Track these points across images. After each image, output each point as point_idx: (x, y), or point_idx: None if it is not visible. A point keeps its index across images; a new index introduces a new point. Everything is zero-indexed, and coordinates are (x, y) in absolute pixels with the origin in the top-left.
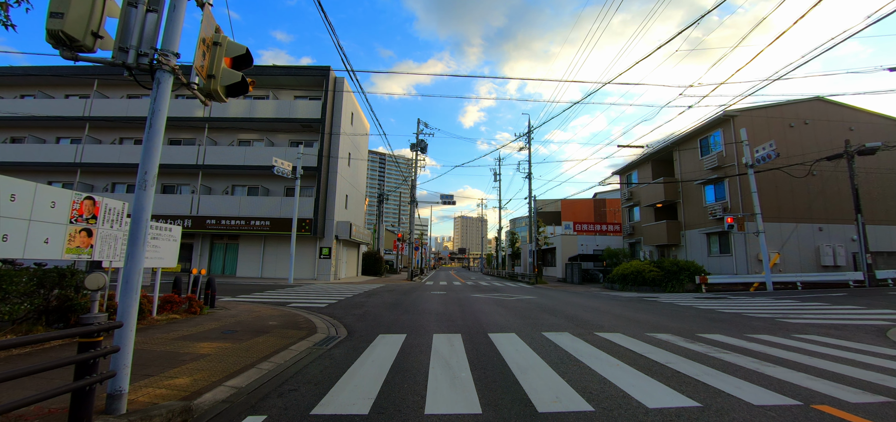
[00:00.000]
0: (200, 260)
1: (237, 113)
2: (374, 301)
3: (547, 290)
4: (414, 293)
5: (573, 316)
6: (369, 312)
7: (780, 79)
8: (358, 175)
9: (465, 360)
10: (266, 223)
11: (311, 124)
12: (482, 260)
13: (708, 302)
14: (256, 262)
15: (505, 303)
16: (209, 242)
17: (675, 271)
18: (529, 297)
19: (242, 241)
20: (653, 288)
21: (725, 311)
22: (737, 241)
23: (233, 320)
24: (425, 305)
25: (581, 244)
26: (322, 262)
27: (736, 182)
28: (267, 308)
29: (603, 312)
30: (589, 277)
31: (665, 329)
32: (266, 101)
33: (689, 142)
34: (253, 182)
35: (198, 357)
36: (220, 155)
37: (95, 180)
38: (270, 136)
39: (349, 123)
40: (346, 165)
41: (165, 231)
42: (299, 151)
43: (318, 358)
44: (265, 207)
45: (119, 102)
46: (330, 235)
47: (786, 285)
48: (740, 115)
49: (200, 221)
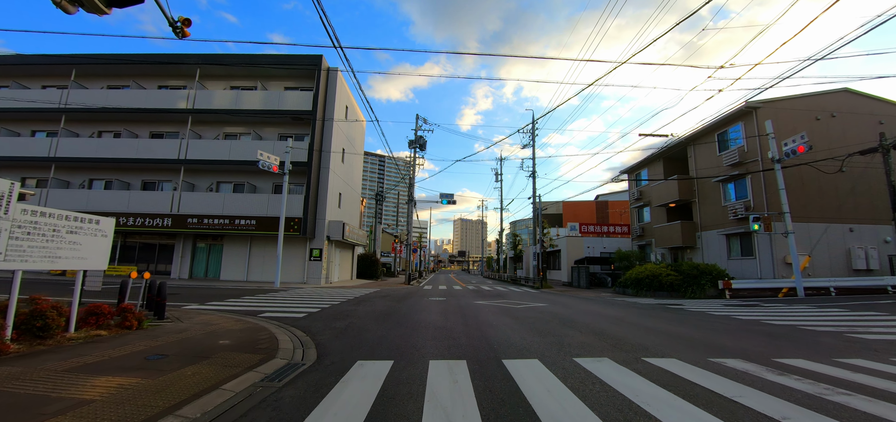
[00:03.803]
0: (182, 262)
1: (222, 104)
2: (363, 310)
3: (555, 295)
4: (410, 300)
5: (601, 331)
6: (353, 325)
7: (823, 58)
8: (353, 173)
9: (476, 409)
10: (252, 223)
11: (301, 117)
12: (482, 263)
13: (742, 310)
14: (242, 264)
15: (514, 312)
16: (191, 243)
17: (696, 275)
18: (539, 304)
19: (227, 241)
20: (670, 294)
21: (774, 322)
22: (761, 242)
23: (174, 339)
24: (422, 315)
25: (587, 247)
26: (312, 264)
27: (759, 179)
28: (230, 320)
29: (632, 324)
30: (596, 282)
31: (725, 351)
32: (253, 93)
33: (706, 137)
34: (239, 179)
35: (73, 406)
36: (203, 149)
37: (72, 176)
38: (258, 129)
39: (343, 116)
40: (339, 161)
41: (90, 225)
42: (288, 145)
43: (257, 406)
44: (251, 206)
45: (98, 93)
46: (321, 236)
47: (818, 291)
48: (763, 106)
49: (181, 220)
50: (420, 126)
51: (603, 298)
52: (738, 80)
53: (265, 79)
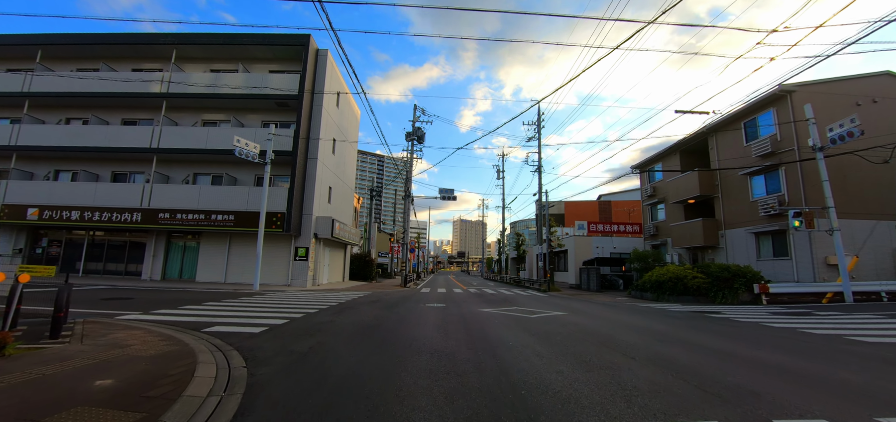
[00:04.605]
0: (154, 262)
1: (199, 88)
2: (343, 322)
3: (567, 299)
4: (403, 306)
5: (662, 358)
6: (320, 348)
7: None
8: (345, 166)
9: None
10: (230, 218)
11: (287, 102)
12: (482, 264)
13: (799, 321)
14: (220, 264)
15: (531, 325)
16: (165, 241)
17: (727, 278)
18: (557, 313)
19: (204, 239)
20: (697, 298)
21: (860, 338)
22: (797, 241)
23: (29, 377)
24: (415, 329)
25: (596, 247)
26: (297, 264)
27: (796, 170)
28: (154, 339)
29: (692, 345)
30: (607, 284)
31: (868, 394)
32: (234, 75)
33: (730, 125)
34: (217, 170)
35: None
36: (178, 137)
37: (36, 167)
38: (239, 115)
39: (335, 104)
40: (329, 152)
41: None
42: (270, 131)
43: None
44: (230, 199)
45: (65, 77)
46: (308, 233)
47: (867, 296)
48: (799, 90)
49: (152, 215)
50: (418, 117)
51: (622, 303)
52: (796, 45)
53: (248, 61)
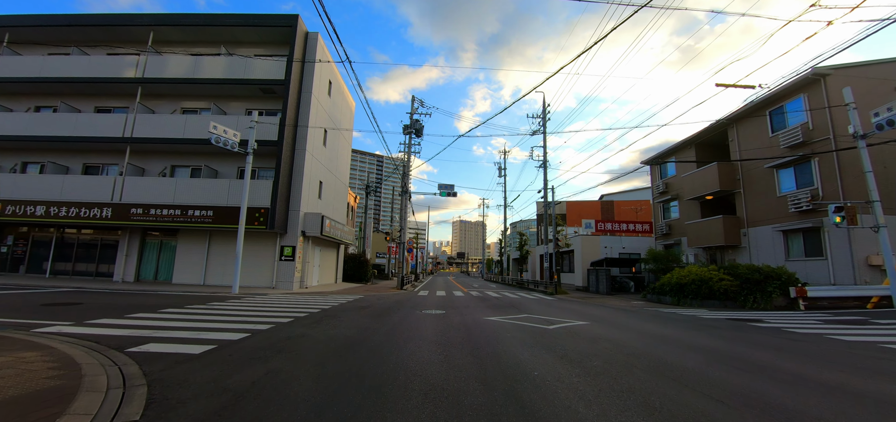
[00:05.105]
0: (127, 262)
1: (178, 72)
2: (315, 337)
3: (580, 304)
4: (396, 313)
5: (759, 398)
6: (265, 385)
7: None
8: (339, 161)
9: None
10: (208, 214)
11: (273, 88)
12: (483, 265)
13: (859, 329)
14: (199, 264)
15: (551, 340)
16: (139, 240)
17: (758, 281)
18: (577, 322)
19: (182, 237)
20: (724, 303)
21: None
22: (834, 240)
23: None
24: (405, 349)
25: (604, 246)
26: (283, 265)
27: (831, 161)
28: (44, 366)
29: (774, 373)
30: (617, 286)
31: None
32: (216, 59)
33: (753, 115)
34: (197, 162)
35: None
36: (154, 126)
37: (2, 158)
38: (221, 103)
39: (326, 92)
40: (319, 143)
41: None
42: (253, 118)
43: None
44: (209, 193)
45: (35, 61)
46: (294, 231)
47: None
48: (834, 73)
49: (123, 211)
50: (416, 109)
51: (641, 308)
52: (858, 6)
53: (232, 44)
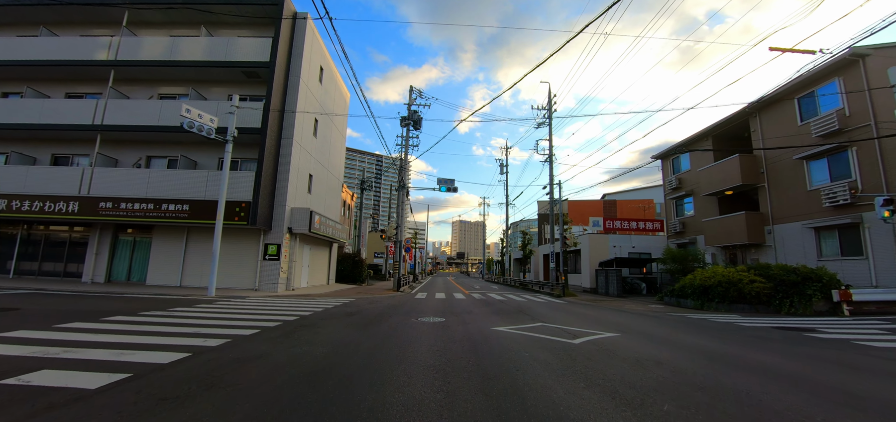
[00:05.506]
0: (97, 262)
1: (154, 54)
2: (273, 359)
3: (596, 308)
4: (387, 321)
5: None
6: None
7: None
8: (331, 153)
9: None
10: (184, 208)
11: (257, 72)
12: (483, 265)
13: None
14: (176, 263)
15: (586, 366)
16: (111, 236)
17: (795, 283)
18: (606, 334)
19: (157, 234)
20: (755, 307)
21: None
22: (877, 237)
23: None
24: (387, 384)
25: (613, 246)
26: (267, 265)
27: (872, 150)
28: None
29: None
30: (628, 288)
31: None
32: (195, 40)
33: (781, 102)
34: (173, 151)
35: None
36: (126, 112)
37: None
38: (202, 88)
39: (316, 79)
40: (309, 133)
41: None
42: (234, 103)
43: None
44: (185, 186)
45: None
46: (280, 227)
47: None
48: (874, 54)
49: (91, 205)
50: (414, 100)
51: (663, 313)
52: None
53: (213, 25)
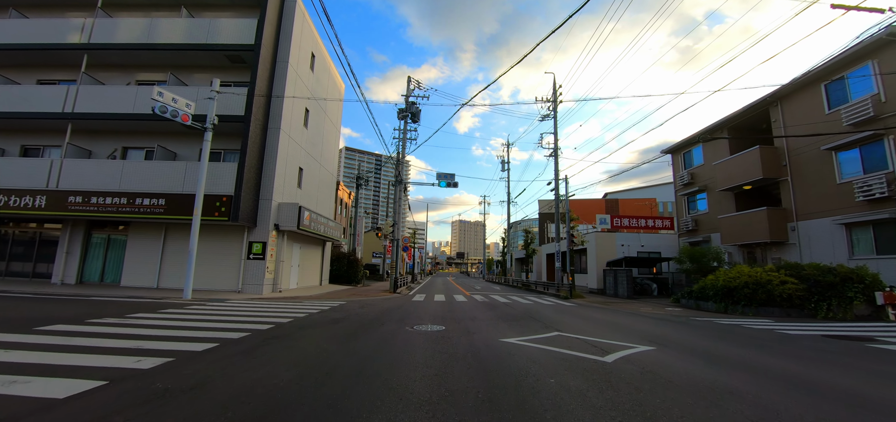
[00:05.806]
0: (68, 261)
1: (131, 37)
2: (217, 391)
3: (610, 312)
4: (378, 331)
5: None
6: None
7: None
8: (324, 146)
9: None
10: (160, 203)
11: (242, 56)
12: (483, 266)
13: None
14: (153, 263)
15: (640, 401)
16: (83, 234)
17: (833, 284)
18: (642, 348)
19: (133, 231)
20: (786, 310)
21: None
22: None
23: None
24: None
25: (621, 244)
26: (252, 264)
27: None
28: None
29: None
30: (639, 289)
31: None
32: (175, 21)
33: (806, 89)
34: (151, 142)
35: None
36: (100, 100)
37: None
38: (182, 73)
39: (307, 66)
40: (299, 123)
41: None
42: (213, 88)
43: None
44: (161, 179)
45: None
46: (266, 224)
47: None
48: None
49: (60, 200)
50: (412, 91)
51: (686, 317)
52: None
53: (194, 7)
